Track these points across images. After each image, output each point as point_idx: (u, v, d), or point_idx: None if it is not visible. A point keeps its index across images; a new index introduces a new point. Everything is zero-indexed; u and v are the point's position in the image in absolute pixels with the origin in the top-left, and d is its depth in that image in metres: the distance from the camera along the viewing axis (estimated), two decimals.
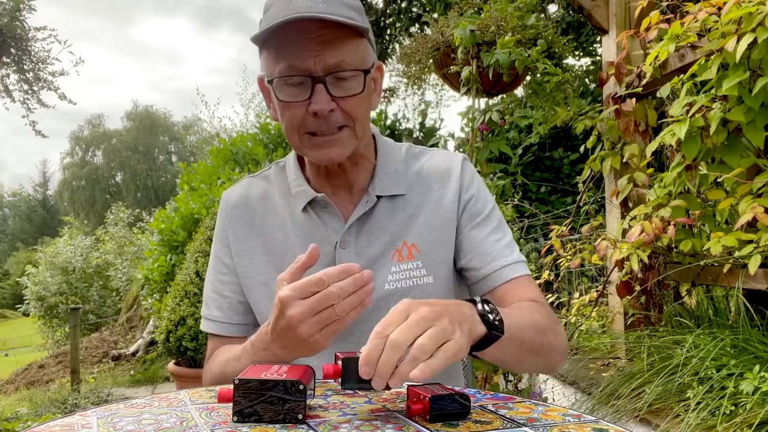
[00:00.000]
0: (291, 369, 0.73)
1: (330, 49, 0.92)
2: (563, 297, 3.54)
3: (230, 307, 1.09)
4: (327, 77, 0.93)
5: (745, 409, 1.62)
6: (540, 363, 0.95)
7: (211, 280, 1.12)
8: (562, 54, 3.44)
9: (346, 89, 0.95)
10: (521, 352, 0.89)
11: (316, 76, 0.93)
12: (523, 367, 0.94)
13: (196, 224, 4.81)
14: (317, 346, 0.81)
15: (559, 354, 0.98)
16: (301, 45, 0.92)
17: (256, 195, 1.12)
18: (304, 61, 0.93)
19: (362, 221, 1.04)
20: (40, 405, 5.35)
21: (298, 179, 1.08)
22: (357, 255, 1.03)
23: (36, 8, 9.95)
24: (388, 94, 10.57)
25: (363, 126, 1.00)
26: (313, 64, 0.93)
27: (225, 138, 7.93)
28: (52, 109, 10.87)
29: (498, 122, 3.16)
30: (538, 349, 0.92)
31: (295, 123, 0.97)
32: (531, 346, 0.90)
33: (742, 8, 1.79)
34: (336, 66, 0.93)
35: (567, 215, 3.62)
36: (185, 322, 3.81)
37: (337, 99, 0.95)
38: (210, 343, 1.11)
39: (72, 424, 0.66)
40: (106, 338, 9.65)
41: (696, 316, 2.28)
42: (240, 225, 1.10)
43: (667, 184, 2.22)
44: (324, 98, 0.93)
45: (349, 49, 0.94)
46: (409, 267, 1.03)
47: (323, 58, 0.92)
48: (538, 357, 0.93)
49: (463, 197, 1.08)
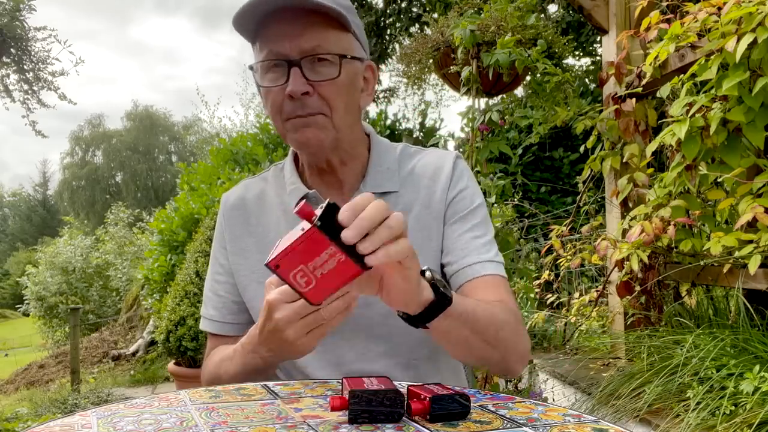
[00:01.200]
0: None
1: (308, 33, 0.95)
2: (563, 297, 3.54)
3: (224, 306, 1.11)
4: (302, 60, 0.95)
5: (745, 409, 1.62)
6: (495, 357, 0.94)
7: (209, 280, 1.14)
8: (562, 54, 3.43)
9: (321, 74, 0.96)
10: (472, 336, 0.88)
11: (291, 59, 0.95)
12: (473, 354, 0.92)
13: (196, 224, 4.81)
14: (303, 348, 0.81)
15: (518, 355, 0.97)
16: (279, 31, 0.95)
17: (252, 196, 1.13)
18: (281, 45, 0.95)
19: None
20: (40, 405, 5.35)
21: (292, 177, 1.09)
22: None
23: (36, 8, 9.95)
24: (388, 94, 10.57)
25: (342, 118, 0.99)
26: (289, 48, 0.95)
27: (225, 138, 7.93)
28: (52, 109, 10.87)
29: (498, 122, 3.16)
30: (492, 341, 0.91)
31: (276, 108, 0.99)
32: (484, 334, 0.89)
33: (742, 8, 1.79)
34: (312, 50, 0.95)
35: (567, 215, 3.62)
36: (185, 322, 3.81)
37: (314, 83, 0.96)
38: (209, 341, 1.14)
39: (72, 424, 0.66)
40: (106, 338, 9.65)
41: (696, 316, 2.28)
42: (236, 225, 1.11)
43: (667, 184, 2.22)
44: (299, 81, 0.94)
45: (327, 36, 0.96)
46: None
47: (299, 42, 0.94)
48: (492, 350, 0.92)
49: (450, 193, 1.08)
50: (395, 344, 1.03)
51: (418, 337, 1.01)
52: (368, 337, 1.02)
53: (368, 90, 1.07)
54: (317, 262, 0.67)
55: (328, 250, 0.67)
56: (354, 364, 1.02)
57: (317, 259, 0.67)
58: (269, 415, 0.70)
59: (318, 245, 0.66)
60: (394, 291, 0.76)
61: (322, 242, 0.66)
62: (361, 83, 1.04)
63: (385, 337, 1.02)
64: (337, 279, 0.68)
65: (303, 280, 0.68)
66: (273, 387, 0.85)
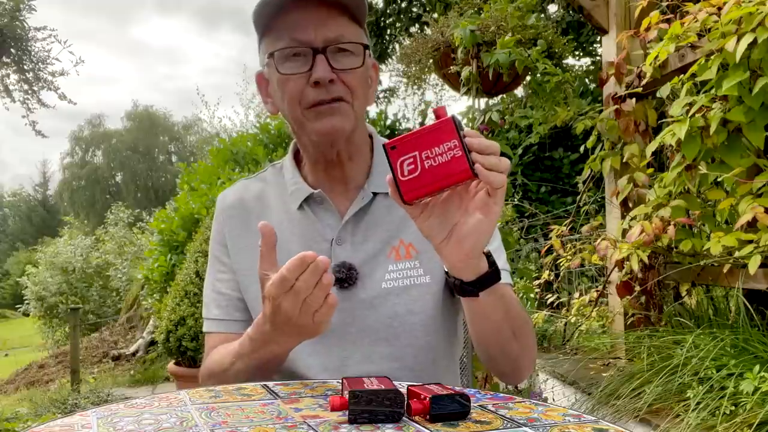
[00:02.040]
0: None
1: (331, 23, 0.96)
2: (563, 297, 3.54)
3: (229, 303, 1.09)
4: (327, 48, 0.96)
5: (745, 409, 1.62)
6: (514, 351, 0.96)
7: (210, 281, 1.12)
8: (562, 54, 3.44)
9: (345, 63, 0.98)
10: (504, 321, 0.92)
11: (316, 47, 0.96)
12: (498, 341, 0.94)
13: (196, 224, 4.80)
14: (319, 326, 0.83)
15: (529, 358, 1.00)
16: (302, 20, 0.96)
17: (251, 196, 1.12)
18: (305, 33, 0.96)
19: (358, 217, 1.04)
20: (40, 405, 5.35)
21: (294, 177, 1.08)
22: (353, 251, 1.02)
23: (36, 8, 9.96)
24: (388, 94, 10.58)
25: (360, 106, 1.01)
26: (314, 36, 0.96)
27: (225, 138, 7.93)
28: (52, 109, 10.88)
29: (498, 122, 3.16)
30: (518, 333, 0.95)
31: (296, 96, 0.98)
32: (513, 322, 0.93)
33: (742, 8, 1.79)
34: (336, 39, 0.96)
35: (567, 215, 3.62)
36: (185, 322, 3.81)
37: (338, 71, 0.97)
38: (208, 341, 1.11)
39: (72, 424, 0.66)
40: (106, 338, 9.65)
41: (696, 316, 2.28)
42: (236, 224, 1.10)
43: (667, 184, 2.22)
44: (326, 67, 0.95)
45: (349, 27, 0.98)
46: (406, 266, 1.02)
47: (324, 30, 0.96)
48: (515, 342, 0.95)
49: None
50: (400, 348, 1.02)
51: (423, 342, 1.01)
52: (374, 340, 1.01)
53: (373, 87, 1.08)
54: (434, 152, 0.71)
55: (450, 142, 0.71)
56: (359, 365, 1.01)
57: (435, 149, 0.71)
58: (269, 415, 0.70)
59: (444, 135, 0.71)
60: (466, 237, 0.79)
61: (450, 133, 0.71)
62: (370, 77, 1.06)
63: (391, 341, 1.01)
64: (440, 177, 0.72)
65: (409, 167, 0.72)
66: (273, 387, 0.85)
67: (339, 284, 1.00)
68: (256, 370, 0.93)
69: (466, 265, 0.83)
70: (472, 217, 0.78)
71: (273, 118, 6.44)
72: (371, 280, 1.01)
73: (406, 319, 1.00)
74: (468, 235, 0.79)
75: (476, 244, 0.80)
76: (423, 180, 0.72)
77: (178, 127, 37.81)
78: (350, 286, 1.00)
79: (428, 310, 1.01)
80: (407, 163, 0.72)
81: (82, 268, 12.45)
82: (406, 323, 1.00)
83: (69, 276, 12.22)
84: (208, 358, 1.07)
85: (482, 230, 0.79)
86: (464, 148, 0.71)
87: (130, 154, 36.06)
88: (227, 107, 52.68)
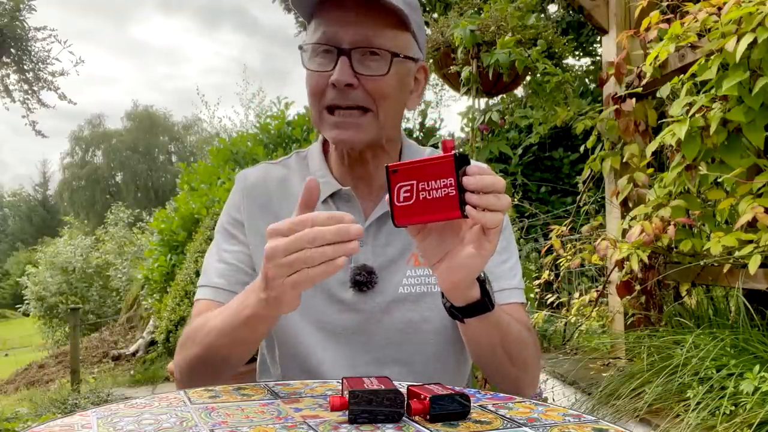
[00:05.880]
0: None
1: (363, 24, 0.93)
2: (563, 297, 3.54)
3: (234, 274, 1.02)
4: (353, 51, 0.93)
5: (745, 409, 1.62)
6: (512, 374, 0.95)
7: (215, 251, 1.06)
8: (562, 54, 3.44)
9: (370, 68, 0.94)
10: (499, 347, 0.90)
11: (342, 47, 0.93)
12: (493, 363, 0.93)
13: (196, 224, 4.81)
14: (282, 292, 0.76)
15: (530, 379, 0.99)
16: (336, 16, 0.94)
17: (274, 179, 1.08)
18: (334, 31, 0.94)
19: (382, 220, 1.02)
20: (40, 405, 5.35)
21: (321, 170, 1.05)
22: (374, 254, 1.01)
23: (36, 8, 9.96)
24: None
25: (386, 114, 0.97)
26: (342, 35, 0.93)
27: (225, 138, 7.92)
28: (52, 109, 10.89)
29: (498, 122, 3.16)
30: (514, 358, 0.93)
31: (316, 93, 0.97)
32: (509, 349, 0.91)
33: (742, 8, 1.79)
34: (363, 41, 0.93)
35: (567, 215, 3.62)
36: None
37: (360, 76, 0.94)
38: (197, 307, 1.03)
39: (72, 424, 0.66)
40: (106, 338, 9.65)
41: (696, 316, 2.28)
42: (255, 204, 1.06)
43: (667, 184, 2.22)
44: (346, 71, 0.93)
45: (384, 30, 0.94)
46: (424, 273, 1.01)
47: (353, 31, 0.93)
48: (511, 366, 0.93)
49: None
50: (410, 354, 1.01)
51: (434, 350, 1.00)
52: (385, 344, 1.00)
53: (418, 91, 1.05)
54: (430, 185, 0.73)
55: (447, 180, 0.73)
56: (368, 367, 1.00)
57: (432, 183, 0.73)
58: (269, 415, 0.70)
59: (443, 171, 0.73)
60: (456, 267, 0.78)
61: (448, 171, 0.73)
62: (411, 84, 1.02)
63: (402, 347, 1.00)
64: (432, 210, 0.74)
65: (405, 194, 0.75)
66: (273, 387, 0.85)
67: (358, 287, 0.99)
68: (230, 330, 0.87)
69: (455, 291, 0.83)
70: (465, 250, 0.77)
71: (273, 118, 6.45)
72: (389, 284, 1.00)
73: (419, 326, 0.99)
74: (458, 267, 0.78)
75: (466, 276, 0.80)
76: (415, 209, 0.74)
77: (178, 127, 37.82)
78: (368, 290, 0.99)
79: (441, 319, 0.98)
80: (404, 189, 0.75)
81: (82, 268, 12.46)
82: (419, 330, 0.99)
83: (69, 276, 12.23)
84: (191, 324, 1.00)
85: (473, 265, 0.78)
86: (459, 188, 0.72)
87: (130, 154, 36.07)
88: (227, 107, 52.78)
